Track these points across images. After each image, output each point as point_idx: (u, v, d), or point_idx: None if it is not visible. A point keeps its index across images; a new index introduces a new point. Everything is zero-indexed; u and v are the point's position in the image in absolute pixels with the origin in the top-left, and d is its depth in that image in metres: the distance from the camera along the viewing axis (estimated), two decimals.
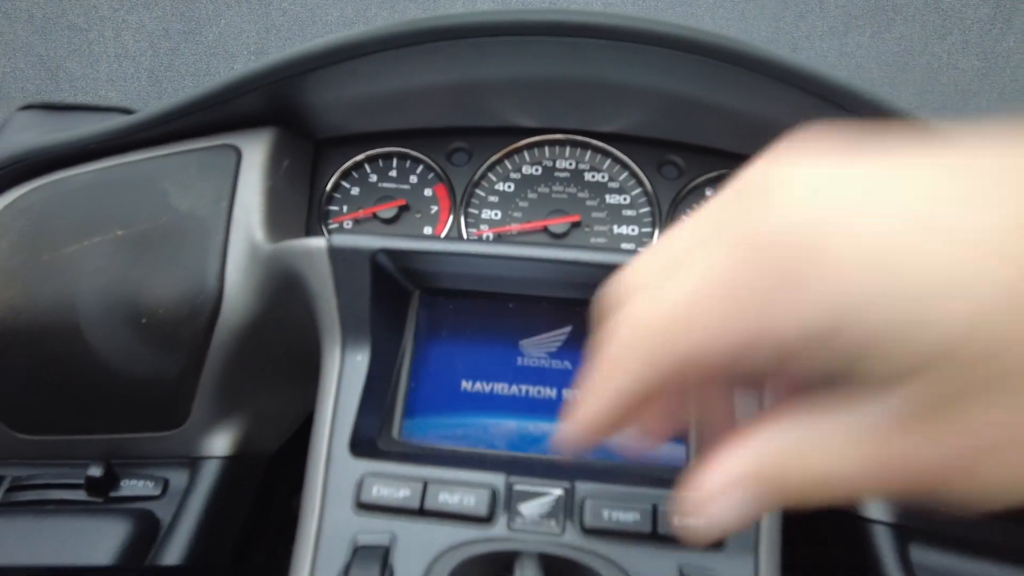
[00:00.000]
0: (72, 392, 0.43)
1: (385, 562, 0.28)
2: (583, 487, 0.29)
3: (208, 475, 0.44)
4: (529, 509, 0.29)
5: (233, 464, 0.45)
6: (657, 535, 0.28)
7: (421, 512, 0.30)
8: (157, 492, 0.46)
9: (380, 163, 0.49)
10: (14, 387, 0.41)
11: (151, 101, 1.78)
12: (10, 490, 0.44)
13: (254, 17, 1.79)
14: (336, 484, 0.31)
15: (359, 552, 0.28)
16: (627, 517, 0.29)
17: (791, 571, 0.50)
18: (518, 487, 0.30)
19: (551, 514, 0.29)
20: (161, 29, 1.73)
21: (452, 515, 0.29)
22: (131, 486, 0.46)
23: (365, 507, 0.30)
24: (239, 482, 0.45)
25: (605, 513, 0.29)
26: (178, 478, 0.45)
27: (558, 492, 0.29)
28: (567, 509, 0.29)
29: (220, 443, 0.45)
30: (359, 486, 0.31)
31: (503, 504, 0.29)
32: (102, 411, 0.44)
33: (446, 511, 0.29)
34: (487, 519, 0.29)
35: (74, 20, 1.67)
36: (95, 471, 0.45)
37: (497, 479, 0.30)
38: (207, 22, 1.77)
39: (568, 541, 0.28)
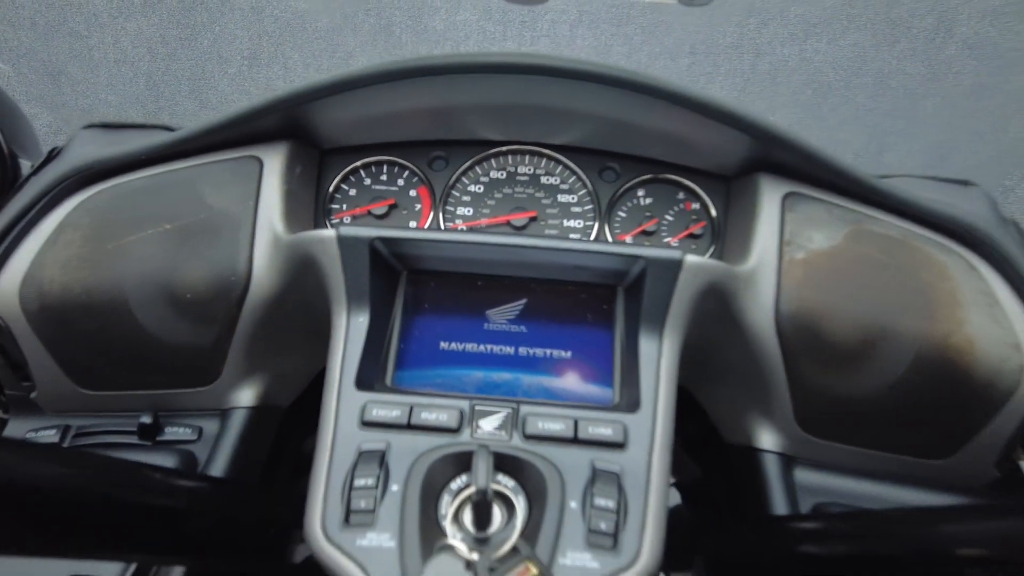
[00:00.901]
0: (127, 356, 0.53)
1: (382, 461, 0.38)
2: (525, 407, 0.40)
3: (235, 423, 0.54)
4: (486, 423, 0.40)
5: (256, 413, 0.55)
6: (577, 440, 0.39)
7: (408, 427, 0.40)
8: (194, 437, 0.55)
9: (373, 169, 0.59)
10: (82, 351, 0.51)
11: (148, 103, 1.85)
12: (76, 436, 0.54)
13: (247, 24, 1.87)
14: (345, 409, 0.41)
15: (362, 455, 0.39)
16: (556, 427, 0.39)
17: (679, 472, 0.61)
18: (479, 408, 0.40)
19: (502, 426, 0.39)
20: (158, 35, 1.81)
21: (431, 428, 0.39)
22: (173, 432, 0.55)
23: (367, 424, 0.40)
24: (260, 428, 0.55)
25: (540, 424, 0.39)
26: (211, 425, 0.55)
27: (507, 411, 0.40)
28: (513, 423, 0.39)
29: (245, 396, 0.55)
30: (362, 410, 0.41)
31: (468, 420, 0.39)
32: (151, 371, 0.54)
33: (426, 425, 0.40)
34: (456, 430, 0.39)
35: (75, 27, 1.73)
36: (146, 419, 0.54)
37: (464, 403, 0.40)
38: (202, 29, 1.84)
39: (514, 444, 0.39)
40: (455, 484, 0.36)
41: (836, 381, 0.47)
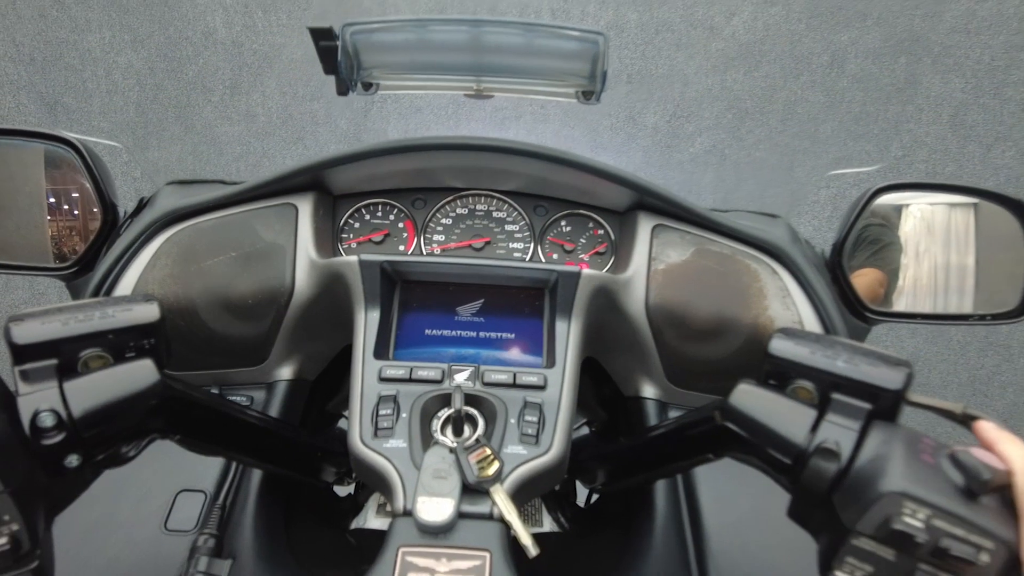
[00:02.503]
0: (203, 344, 0.72)
1: (395, 400, 0.60)
2: (483, 367, 0.62)
3: (278, 392, 0.75)
4: (459, 377, 0.62)
5: (292, 385, 0.76)
6: (515, 384, 0.61)
7: (410, 380, 0.61)
8: (247, 403, 0.76)
9: (372, 208, 0.80)
10: (173, 342, 0.70)
11: (138, 129, 2.00)
12: None
13: (228, 56, 2.05)
14: (368, 371, 0.62)
15: (382, 398, 0.60)
16: (502, 377, 0.61)
17: (585, 411, 0.85)
18: (454, 368, 0.62)
19: (469, 378, 0.61)
20: (147, 68, 1.97)
21: (424, 380, 0.61)
22: (233, 399, 0.76)
23: (383, 380, 0.62)
24: (296, 395, 0.76)
25: (492, 376, 0.61)
26: (259, 395, 0.75)
27: (472, 369, 0.62)
28: (476, 376, 0.61)
29: (285, 372, 0.75)
30: (379, 371, 0.62)
31: (447, 375, 0.61)
32: (218, 355, 0.73)
33: (421, 379, 0.61)
34: (440, 381, 0.61)
35: (70, 61, 1.88)
36: (213, 391, 0.74)
37: (444, 366, 0.62)
38: (187, 61, 2.01)
39: (476, 388, 0.61)
40: (441, 412, 0.58)
41: (690, 350, 0.71)
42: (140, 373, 0.44)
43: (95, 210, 0.72)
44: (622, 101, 2.17)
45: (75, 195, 0.74)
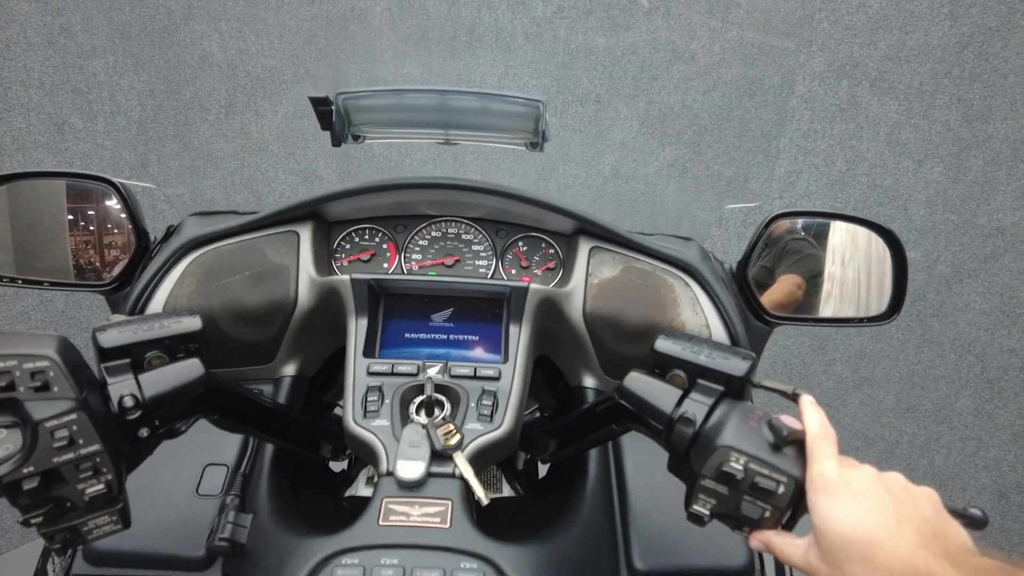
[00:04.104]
0: (220, 348, 0.87)
1: (380, 390, 0.75)
2: (451, 363, 0.77)
3: (283, 386, 0.90)
4: (431, 371, 0.77)
5: (295, 380, 0.91)
6: (476, 376, 0.77)
7: (392, 374, 0.77)
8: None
9: (360, 232, 0.95)
10: None
11: (139, 146, 2.14)
12: None
13: (223, 79, 2.19)
14: (359, 366, 0.77)
15: (369, 388, 0.75)
16: (466, 371, 0.77)
17: (539, 399, 1.02)
18: (427, 364, 0.78)
19: (439, 372, 0.77)
20: (148, 90, 2.11)
21: (403, 374, 0.76)
22: None
23: (370, 374, 0.77)
24: (297, 388, 0.91)
25: (457, 370, 0.77)
26: (268, 388, 0.90)
27: (441, 364, 0.77)
28: (445, 370, 0.77)
29: (289, 369, 0.90)
30: (367, 367, 0.78)
31: (421, 369, 0.77)
32: (234, 356, 0.88)
33: (400, 372, 0.76)
34: (415, 375, 0.77)
35: (77, 84, 2.02)
36: None
37: (419, 362, 0.78)
38: (185, 83, 2.15)
39: (444, 380, 0.76)
40: (416, 398, 0.74)
41: (621, 348, 0.87)
42: (190, 369, 0.60)
43: (129, 237, 0.87)
44: (591, 118, 2.34)
45: (111, 225, 0.90)
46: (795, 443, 0.54)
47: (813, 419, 0.55)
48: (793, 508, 0.53)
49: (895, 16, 1.97)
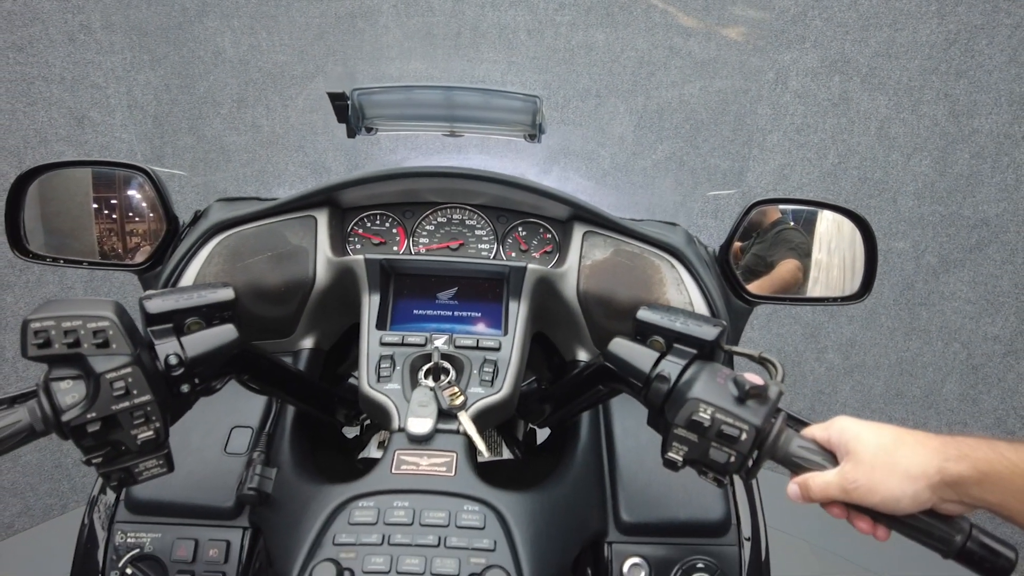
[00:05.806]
0: (244, 323, 0.95)
1: (392, 358, 0.83)
2: (456, 335, 0.85)
3: (302, 358, 0.98)
4: (437, 342, 0.85)
5: (312, 352, 0.99)
6: (478, 347, 0.84)
7: (402, 344, 0.84)
8: None
9: (372, 218, 1.03)
10: None
11: (155, 139, 2.22)
12: None
13: (235, 74, 2.26)
14: (373, 338, 0.85)
15: (382, 357, 0.83)
16: (469, 342, 0.84)
17: (537, 372, 1.10)
18: (433, 336, 0.85)
19: (445, 343, 0.84)
20: (163, 85, 2.19)
21: (412, 344, 0.84)
22: None
23: (383, 344, 0.85)
24: (315, 360, 0.99)
25: (462, 341, 0.84)
26: (287, 360, 0.98)
27: (447, 336, 0.85)
28: (450, 341, 0.84)
29: (307, 343, 0.98)
30: (380, 338, 0.85)
31: (429, 340, 0.84)
32: (256, 331, 0.96)
33: (410, 343, 0.84)
34: (423, 345, 0.84)
35: (96, 80, 2.10)
36: None
37: (427, 334, 0.85)
38: (199, 78, 2.23)
39: (450, 349, 0.84)
40: (424, 365, 0.82)
41: (611, 324, 0.95)
42: (225, 333, 0.68)
43: (160, 222, 0.95)
44: (592, 113, 2.41)
45: (140, 211, 0.98)
46: (757, 397, 0.61)
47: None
48: (756, 455, 0.61)
49: (885, 13, 2.04)
